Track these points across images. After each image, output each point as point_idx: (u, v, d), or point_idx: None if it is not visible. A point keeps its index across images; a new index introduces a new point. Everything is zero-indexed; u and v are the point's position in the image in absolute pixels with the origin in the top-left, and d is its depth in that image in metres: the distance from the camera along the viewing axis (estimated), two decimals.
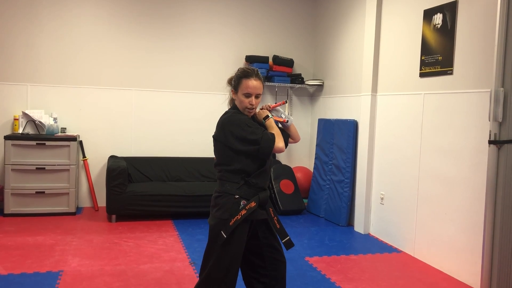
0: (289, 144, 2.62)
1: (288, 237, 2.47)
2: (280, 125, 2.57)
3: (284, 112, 2.65)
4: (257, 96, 2.41)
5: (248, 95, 2.39)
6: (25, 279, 3.44)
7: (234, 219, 2.32)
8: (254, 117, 2.52)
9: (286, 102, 2.59)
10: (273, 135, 2.36)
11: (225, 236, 2.31)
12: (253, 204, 2.36)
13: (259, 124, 2.48)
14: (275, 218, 2.47)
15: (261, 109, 2.57)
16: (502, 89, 2.98)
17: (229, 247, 2.34)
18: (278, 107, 2.63)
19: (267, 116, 2.48)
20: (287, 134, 2.61)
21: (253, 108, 2.43)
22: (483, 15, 3.56)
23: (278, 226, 2.46)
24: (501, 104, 2.98)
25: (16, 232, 4.58)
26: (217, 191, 2.45)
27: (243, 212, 2.33)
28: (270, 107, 2.60)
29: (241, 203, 2.35)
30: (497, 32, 2.98)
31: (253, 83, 2.38)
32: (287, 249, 2.49)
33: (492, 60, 3.08)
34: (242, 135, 2.33)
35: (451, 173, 3.87)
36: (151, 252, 4.14)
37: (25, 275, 3.50)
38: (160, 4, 5.91)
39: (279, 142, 2.34)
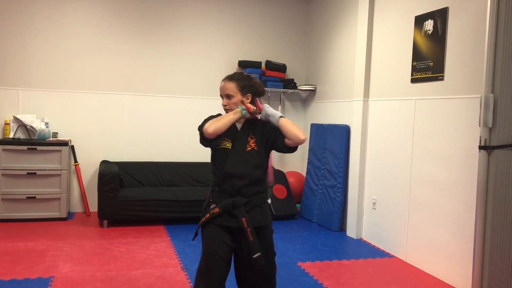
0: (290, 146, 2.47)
1: (259, 254, 2.38)
2: (249, 115, 2.47)
3: (270, 110, 2.50)
4: (227, 97, 2.48)
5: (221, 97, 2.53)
6: (15, 285, 3.40)
7: (201, 221, 2.49)
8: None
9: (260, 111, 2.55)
10: (207, 122, 2.37)
11: (194, 234, 2.55)
12: (216, 210, 2.44)
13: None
14: (249, 229, 2.38)
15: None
16: (492, 95, 3.01)
17: (204, 246, 2.47)
18: (265, 107, 2.50)
19: (239, 107, 2.47)
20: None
21: (226, 109, 2.50)
22: (473, 22, 3.60)
23: (251, 239, 2.38)
24: (491, 109, 3.01)
25: (6, 238, 4.54)
26: None
27: (207, 215, 2.45)
28: (258, 109, 2.51)
29: (211, 206, 2.47)
30: (486, 39, 3.01)
31: (223, 85, 2.51)
32: (257, 265, 2.42)
33: (482, 66, 3.11)
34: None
35: (442, 178, 3.89)
36: (143, 258, 4.12)
37: (15, 282, 3.47)
38: (152, 9, 5.91)
39: (208, 127, 2.33)
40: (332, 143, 5.45)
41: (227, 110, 2.50)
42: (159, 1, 5.92)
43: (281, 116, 2.42)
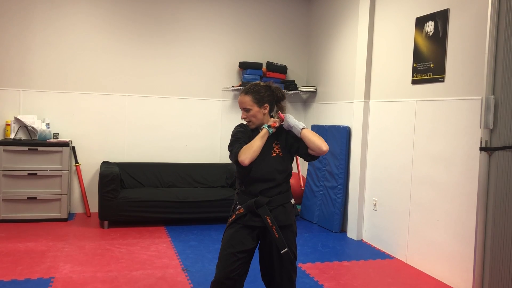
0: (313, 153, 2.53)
1: (286, 249, 2.49)
2: (272, 130, 2.55)
3: (293, 121, 2.56)
4: (245, 110, 2.57)
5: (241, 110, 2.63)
6: (15, 286, 3.41)
7: (228, 222, 2.60)
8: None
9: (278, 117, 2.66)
10: (240, 148, 2.48)
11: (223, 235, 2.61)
12: (240, 210, 2.54)
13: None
14: (274, 227, 2.48)
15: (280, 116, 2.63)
16: (492, 96, 3.01)
17: (222, 242, 2.58)
18: (287, 117, 2.58)
19: (264, 126, 2.56)
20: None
21: (246, 121, 2.61)
22: (474, 24, 3.60)
23: (277, 236, 2.48)
24: (491, 111, 3.00)
25: (7, 239, 4.54)
26: None
27: (233, 216, 2.57)
28: (281, 120, 2.59)
29: (237, 208, 2.58)
30: (487, 40, 3.01)
31: (240, 99, 2.60)
32: (289, 260, 2.56)
33: (483, 68, 3.11)
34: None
35: (443, 179, 3.89)
36: (144, 259, 4.12)
37: (15, 282, 3.47)
38: (153, 10, 5.92)
39: (241, 155, 2.45)
40: (333, 144, 5.45)
41: (247, 122, 2.62)
42: (160, 2, 5.93)
43: (303, 128, 2.50)
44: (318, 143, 2.46)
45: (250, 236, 2.53)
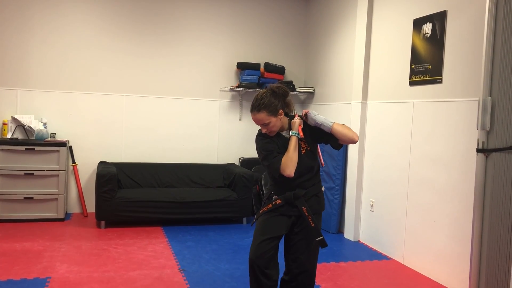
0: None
1: (322, 237, 2.64)
2: (300, 135, 2.67)
3: (319, 118, 2.68)
4: (264, 125, 2.63)
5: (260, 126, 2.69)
6: (12, 285, 3.40)
7: (262, 210, 2.75)
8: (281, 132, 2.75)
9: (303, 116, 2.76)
10: (279, 162, 2.57)
11: (254, 220, 2.80)
12: (278, 201, 2.69)
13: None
14: (309, 216, 2.62)
15: (303, 114, 2.75)
16: (489, 98, 3.02)
17: (258, 223, 2.74)
18: (312, 115, 2.69)
19: (293, 133, 2.66)
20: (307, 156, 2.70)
21: (271, 132, 2.67)
22: (471, 25, 3.61)
23: (312, 225, 2.63)
24: (488, 112, 3.02)
25: (3, 238, 4.53)
26: None
27: (270, 205, 2.71)
28: (305, 117, 2.73)
29: (273, 198, 2.72)
30: (484, 42, 3.02)
31: (255, 117, 2.64)
32: (321, 248, 2.70)
33: (480, 69, 3.12)
34: (260, 159, 2.72)
35: (440, 180, 3.90)
36: (140, 259, 4.11)
37: (12, 282, 3.46)
38: (152, 10, 5.91)
39: (285, 169, 2.57)
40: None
41: (269, 133, 2.68)
42: (159, 2, 5.93)
43: (333, 123, 2.63)
44: (351, 135, 2.63)
45: (287, 223, 2.69)
